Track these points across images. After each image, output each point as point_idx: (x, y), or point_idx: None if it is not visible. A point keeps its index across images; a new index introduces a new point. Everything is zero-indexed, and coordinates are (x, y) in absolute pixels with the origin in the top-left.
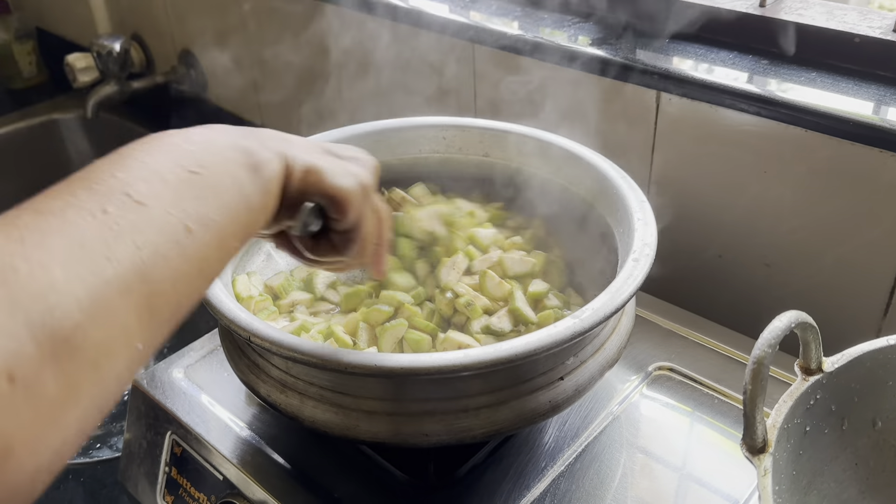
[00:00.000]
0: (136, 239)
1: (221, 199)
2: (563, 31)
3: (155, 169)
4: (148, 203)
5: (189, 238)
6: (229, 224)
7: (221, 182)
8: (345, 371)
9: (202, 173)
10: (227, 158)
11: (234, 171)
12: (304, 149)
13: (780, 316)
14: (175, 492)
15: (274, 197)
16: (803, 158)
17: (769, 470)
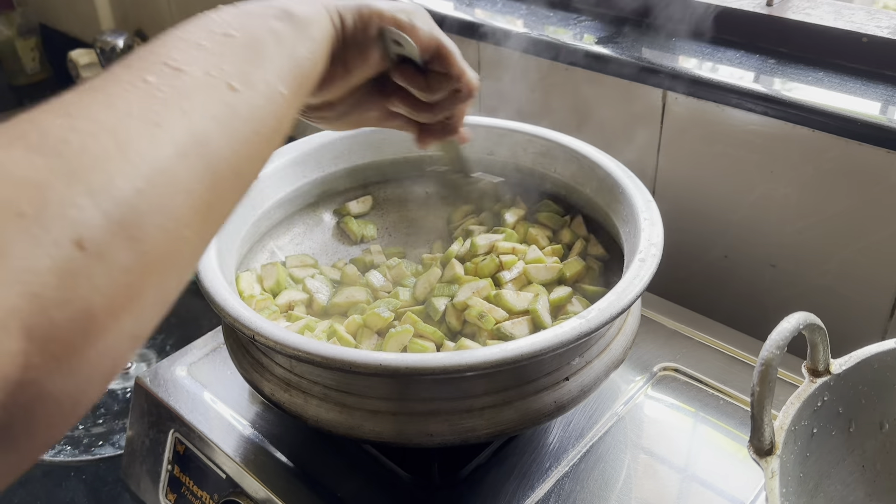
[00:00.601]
0: (182, 103)
1: (260, 55)
2: (568, 29)
3: (189, 39)
4: (186, 69)
5: (235, 96)
6: (275, 78)
7: (258, 39)
8: (349, 370)
9: (236, 35)
10: (261, 15)
11: (272, 26)
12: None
13: (788, 317)
14: (178, 490)
15: (320, 43)
16: (810, 159)
17: (777, 472)
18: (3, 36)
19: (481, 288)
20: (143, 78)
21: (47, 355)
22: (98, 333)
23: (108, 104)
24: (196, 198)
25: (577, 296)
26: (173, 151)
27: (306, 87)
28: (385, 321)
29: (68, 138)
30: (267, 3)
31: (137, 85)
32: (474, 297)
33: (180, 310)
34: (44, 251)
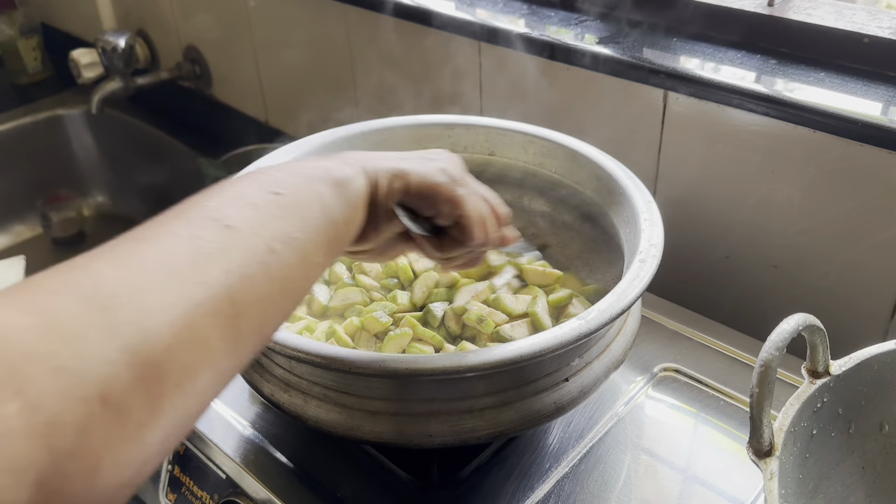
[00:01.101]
0: (224, 263)
1: (304, 216)
2: (569, 29)
3: (242, 195)
4: (235, 226)
5: (273, 257)
6: (312, 240)
7: (304, 200)
8: (349, 371)
9: (285, 193)
10: (310, 177)
11: (317, 188)
12: (384, 158)
13: (787, 318)
14: (178, 490)
15: (359, 209)
16: (812, 159)
17: (775, 473)
18: (4, 35)
19: (480, 292)
20: (193, 233)
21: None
22: (100, 484)
23: (159, 259)
24: (217, 354)
25: (579, 297)
26: (206, 310)
27: (339, 249)
28: (383, 326)
29: (118, 293)
30: (316, 164)
31: (188, 242)
32: (473, 302)
33: None
34: (70, 406)
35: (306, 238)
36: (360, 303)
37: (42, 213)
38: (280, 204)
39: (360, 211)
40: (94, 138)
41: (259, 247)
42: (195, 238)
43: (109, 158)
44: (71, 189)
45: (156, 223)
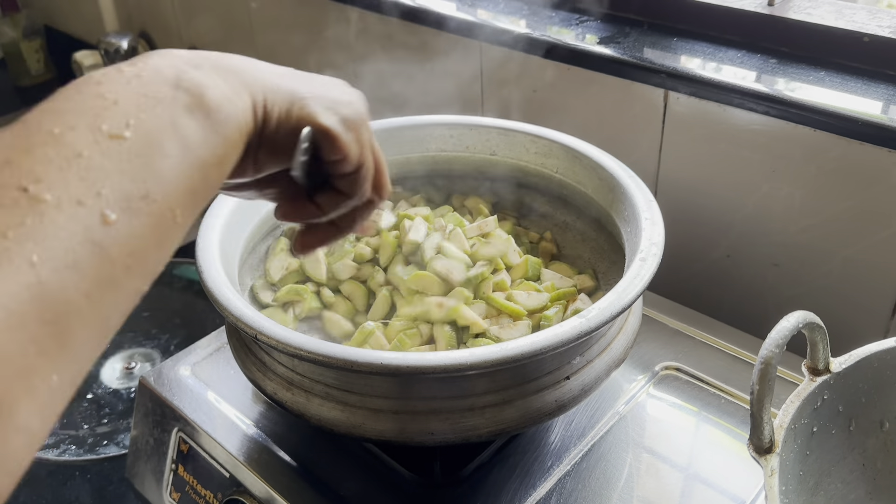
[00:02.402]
0: (32, 254)
1: (154, 166)
2: (570, 29)
3: (65, 142)
4: (48, 197)
5: (109, 231)
6: (167, 196)
7: (156, 142)
8: (351, 369)
9: (128, 136)
10: (168, 102)
11: (177, 121)
12: (277, 75)
13: (787, 316)
14: (181, 489)
15: (235, 144)
16: (812, 158)
17: (776, 470)
18: (7, 37)
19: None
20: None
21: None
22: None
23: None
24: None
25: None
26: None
27: (207, 198)
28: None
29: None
30: (178, 77)
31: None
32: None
33: (184, 310)
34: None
35: (160, 195)
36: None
37: None
38: (120, 152)
39: (236, 147)
40: None
41: (87, 221)
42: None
43: None
44: None
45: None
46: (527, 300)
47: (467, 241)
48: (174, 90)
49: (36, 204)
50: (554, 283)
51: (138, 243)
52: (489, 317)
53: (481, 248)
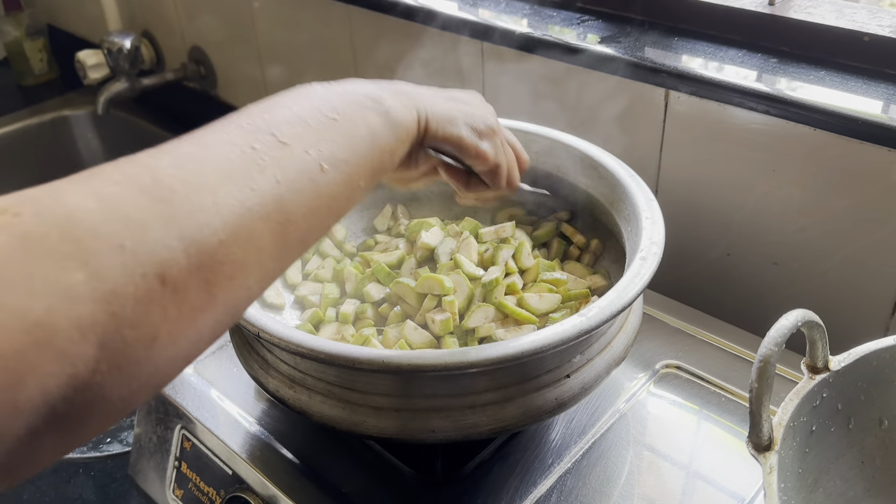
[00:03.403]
0: (277, 174)
1: (354, 143)
2: (571, 28)
3: (299, 113)
4: (290, 143)
5: (322, 176)
6: (358, 166)
7: (355, 127)
8: (353, 367)
9: (339, 119)
10: (363, 105)
11: (368, 118)
12: (432, 98)
13: (786, 314)
14: (184, 486)
15: (404, 142)
16: (812, 157)
17: (775, 468)
18: (11, 37)
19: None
20: (251, 144)
21: (113, 365)
22: (158, 354)
23: (217, 164)
24: (265, 255)
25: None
26: (258, 214)
27: (381, 176)
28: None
29: (177, 189)
30: (370, 93)
31: (245, 151)
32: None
33: None
34: (131, 280)
35: (354, 162)
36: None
37: None
38: (333, 128)
39: (404, 144)
40: (100, 139)
41: (310, 164)
42: (252, 149)
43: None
44: None
45: (217, 129)
46: (538, 303)
47: (480, 246)
48: (366, 98)
49: (281, 146)
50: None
51: (336, 190)
52: (496, 320)
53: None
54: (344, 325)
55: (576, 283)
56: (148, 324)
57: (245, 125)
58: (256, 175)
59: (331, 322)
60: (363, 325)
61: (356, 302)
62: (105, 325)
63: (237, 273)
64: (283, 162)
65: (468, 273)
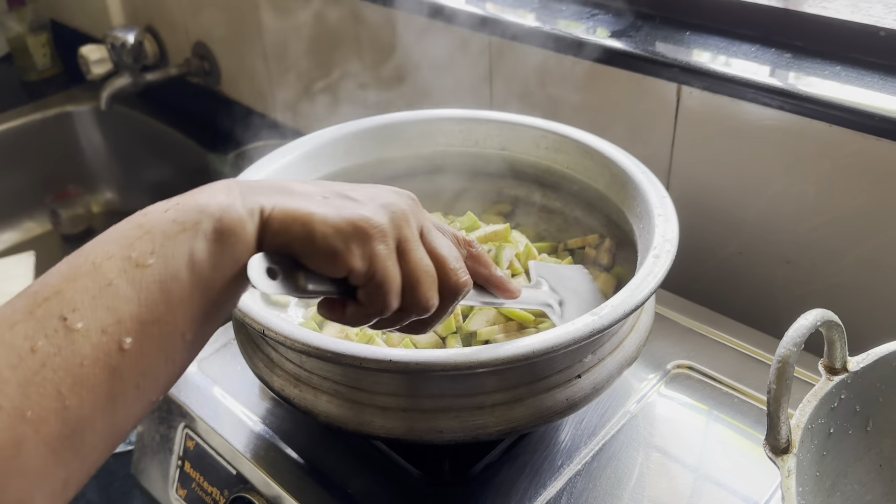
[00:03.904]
0: (61, 382)
1: (168, 293)
2: (580, 23)
3: (102, 271)
4: (82, 326)
5: (122, 358)
6: (177, 319)
7: (171, 268)
8: (359, 366)
9: (152, 264)
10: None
11: (192, 246)
12: (299, 196)
13: (805, 314)
14: (188, 485)
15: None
16: (827, 154)
17: (793, 471)
18: (14, 32)
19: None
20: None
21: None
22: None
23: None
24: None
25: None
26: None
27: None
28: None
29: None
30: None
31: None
32: (486, 329)
33: None
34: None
35: (170, 318)
36: None
37: (51, 209)
38: (142, 281)
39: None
40: (103, 135)
41: (107, 347)
42: (31, 351)
43: (118, 155)
44: (80, 185)
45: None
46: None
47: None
48: (199, 215)
49: (70, 333)
50: None
51: (149, 363)
52: (497, 323)
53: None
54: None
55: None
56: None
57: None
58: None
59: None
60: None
61: None
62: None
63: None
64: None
65: None
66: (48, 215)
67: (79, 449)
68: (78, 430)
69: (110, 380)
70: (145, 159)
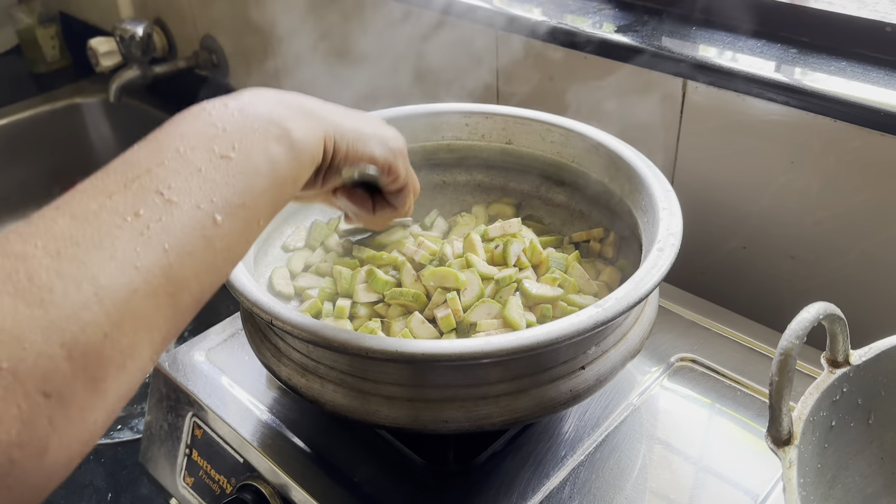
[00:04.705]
0: (165, 242)
1: (251, 183)
2: (587, 17)
3: (189, 159)
4: (178, 200)
5: (216, 229)
6: (256, 206)
7: (253, 164)
8: (366, 356)
9: (234, 158)
10: (264, 134)
11: (269, 149)
12: (341, 116)
13: (808, 307)
14: (195, 474)
15: (307, 169)
16: (831, 149)
17: (794, 462)
18: (23, 24)
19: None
20: (135, 210)
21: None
22: (49, 462)
23: (97, 244)
24: (157, 331)
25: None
26: (144, 293)
27: (282, 206)
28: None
29: (53, 286)
30: (273, 115)
31: (128, 219)
32: (486, 321)
33: None
34: (14, 402)
35: (251, 205)
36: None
37: None
38: (228, 170)
39: (308, 170)
40: (112, 127)
41: (202, 220)
42: (136, 216)
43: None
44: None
45: (98, 190)
46: (537, 290)
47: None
48: (267, 123)
49: (168, 205)
50: (575, 283)
51: (233, 240)
52: (498, 317)
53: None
54: (339, 320)
55: (587, 285)
56: (36, 439)
57: (130, 184)
58: (142, 250)
59: (328, 315)
60: (360, 321)
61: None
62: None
63: (126, 361)
64: (171, 226)
65: (482, 273)
66: None
67: (176, 306)
68: (178, 289)
69: (205, 248)
70: None
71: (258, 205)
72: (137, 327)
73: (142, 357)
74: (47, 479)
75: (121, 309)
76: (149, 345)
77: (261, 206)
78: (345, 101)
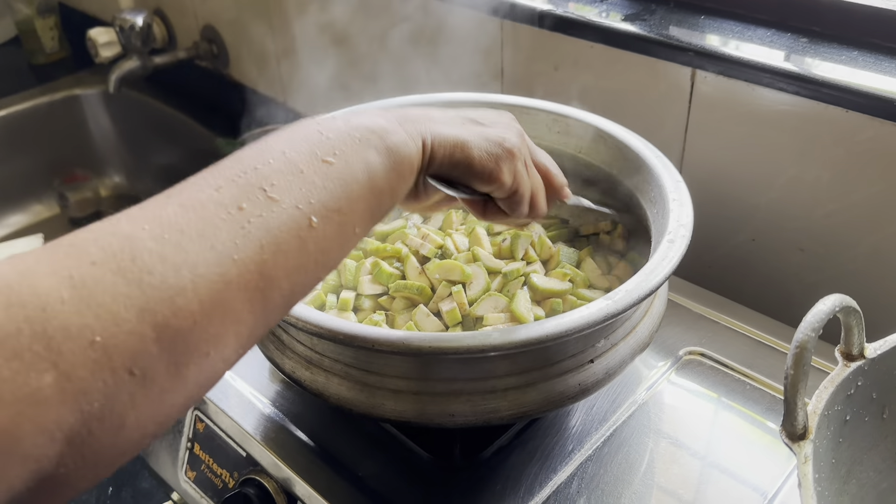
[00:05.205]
0: (263, 237)
1: (349, 189)
2: (593, 6)
3: (292, 160)
4: (279, 199)
5: (312, 232)
6: (353, 212)
7: (351, 170)
8: (371, 348)
9: (334, 163)
10: (364, 142)
11: (367, 156)
12: (444, 123)
13: (823, 299)
14: (197, 467)
15: (407, 178)
16: (842, 140)
17: (810, 457)
18: (22, 15)
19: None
20: (238, 204)
21: (78, 457)
22: (124, 439)
23: (200, 232)
24: (244, 325)
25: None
26: (237, 286)
27: (381, 216)
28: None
29: (153, 269)
30: (373, 125)
31: (231, 212)
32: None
33: None
34: (101, 376)
35: (348, 210)
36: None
37: (59, 192)
38: (328, 174)
39: (407, 180)
40: (112, 118)
41: (299, 220)
42: (239, 209)
43: (126, 138)
44: (88, 169)
45: (207, 182)
46: (545, 283)
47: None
48: (368, 132)
49: (270, 202)
50: (587, 277)
51: (327, 244)
52: (505, 311)
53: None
54: (343, 312)
55: (600, 279)
56: (115, 414)
57: (237, 179)
58: (240, 241)
59: (332, 308)
60: (364, 314)
61: (353, 292)
62: (72, 424)
63: (211, 349)
64: (269, 222)
65: (488, 266)
66: (56, 198)
67: (266, 303)
68: (269, 286)
69: (299, 249)
70: (153, 143)
71: (354, 211)
72: (226, 318)
73: (226, 348)
74: (120, 454)
75: (214, 298)
76: (235, 337)
77: (356, 212)
78: (346, 91)
